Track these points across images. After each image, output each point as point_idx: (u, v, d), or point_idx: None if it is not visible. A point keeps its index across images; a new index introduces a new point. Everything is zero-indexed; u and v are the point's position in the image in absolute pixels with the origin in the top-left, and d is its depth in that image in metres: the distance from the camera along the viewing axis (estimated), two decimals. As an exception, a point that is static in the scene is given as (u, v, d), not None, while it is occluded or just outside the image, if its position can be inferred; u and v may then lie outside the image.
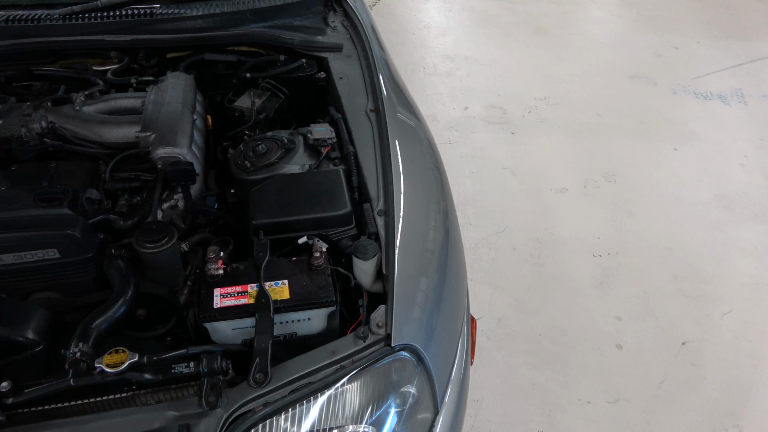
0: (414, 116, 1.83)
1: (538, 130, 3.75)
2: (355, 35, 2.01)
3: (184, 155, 1.46)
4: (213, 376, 1.08)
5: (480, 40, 4.79)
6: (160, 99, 1.60)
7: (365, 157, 1.54)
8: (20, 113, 1.52)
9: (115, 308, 1.19)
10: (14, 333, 1.15)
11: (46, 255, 1.25)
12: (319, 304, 1.23)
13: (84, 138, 1.51)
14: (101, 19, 1.80)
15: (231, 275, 1.26)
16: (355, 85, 1.80)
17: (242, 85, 1.88)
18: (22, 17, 1.77)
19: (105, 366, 1.05)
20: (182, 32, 1.84)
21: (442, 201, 1.57)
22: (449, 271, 1.43)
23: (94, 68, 1.79)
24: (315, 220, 1.38)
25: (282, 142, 1.58)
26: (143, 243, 1.29)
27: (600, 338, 2.46)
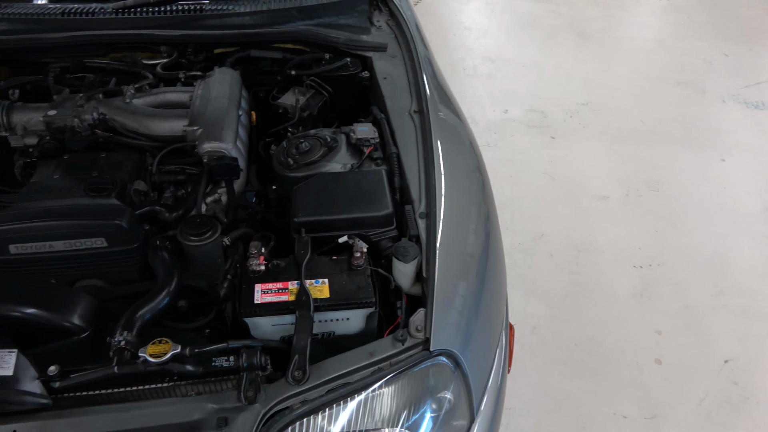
0: (457, 116, 1.81)
1: (580, 135, 3.67)
2: (400, 35, 2.00)
3: (229, 150, 1.47)
4: (252, 371, 1.09)
5: (522, 42, 4.73)
6: (207, 94, 1.62)
7: (408, 159, 1.53)
8: (73, 104, 1.56)
9: (159, 299, 1.21)
10: (62, 318, 1.18)
11: (95, 244, 1.28)
12: (359, 304, 1.23)
13: (133, 130, 1.54)
14: (152, 14, 1.83)
15: (272, 271, 1.27)
16: (399, 85, 1.79)
17: (287, 83, 1.89)
18: (76, 10, 1.82)
19: (149, 356, 1.07)
20: (230, 28, 1.86)
21: (483, 204, 1.55)
22: (489, 277, 1.41)
23: (144, 62, 1.83)
24: (356, 220, 1.38)
25: (325, 141, 1.59)
26: (188, 236, 1.31)
27: (638, 352, 2.39)
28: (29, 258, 1.28)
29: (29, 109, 1.58)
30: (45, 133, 1.54)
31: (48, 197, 1.33)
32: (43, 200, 1.32)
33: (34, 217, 1.27)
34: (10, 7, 1.84)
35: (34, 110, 1.57)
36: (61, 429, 1.02)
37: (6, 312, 1.15)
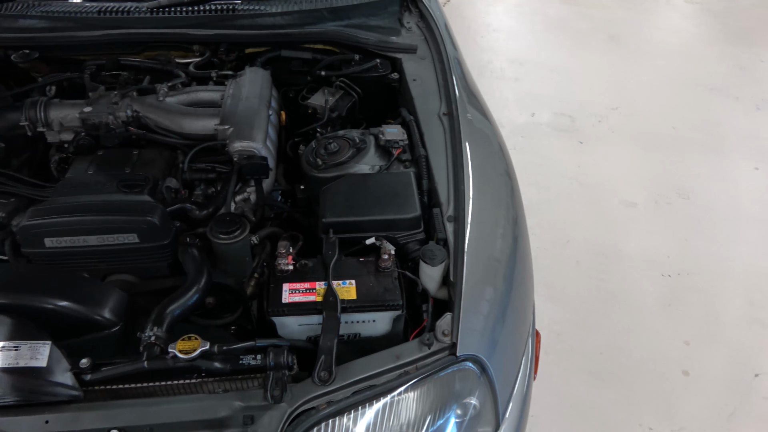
0: (486, 119, 1.80)
1: (608, 140, 3.62)
2: (430, 37, 2.00)
3: (259, 150, 1.49)
4: (279, 370, 1.10)
5: (551, 45, 4.67)
6: (238, 93, 1.64)
7: (436, 161, 1.52)
8: (108, 101, 1.58)
9: (189, 296, 1.23)
10: (93, 311, 1.20)
11: (127, 239, 1.30)
12: (386, 306, 1.22)
13: (165, 128, 1.57)
14: (185, 14, 1.86)
15: (300, 271, 1.27)
16: (429, 87, 1.78)
17: (316, 83, 1.90)
18: (112, 9, 1.85)
19: (178, 352, 1.08)
20: (261, 28, 1.88)
21: (511, 208, 1.53)
22: (516, 282, 1.39)
23: (177, 60, 1.86)
24: (383, 222, 1.38)
25: (353, 142, 1.59)
26: (217, 233, 1.33)
27: (666, 362, 2.34)
28: (63, 252, 1.31)
29: (66, 105, 1.61)
30: (80, 129, 1.57)
31: (82, 192, 1.35)
32: (77, 195, 1.34)
33: (69, 212, 1.29)
34: (48, 6, 1.88)
35: (71, 107, 1.60)
36: (91, 421, 1.04)
37: (40, 304, 1.17)
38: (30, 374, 1.06)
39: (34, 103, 1.59)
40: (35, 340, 1.09)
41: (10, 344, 1.08)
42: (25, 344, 1.08)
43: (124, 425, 1.04)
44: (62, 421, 1.04)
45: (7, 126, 1.60)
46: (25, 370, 1.06)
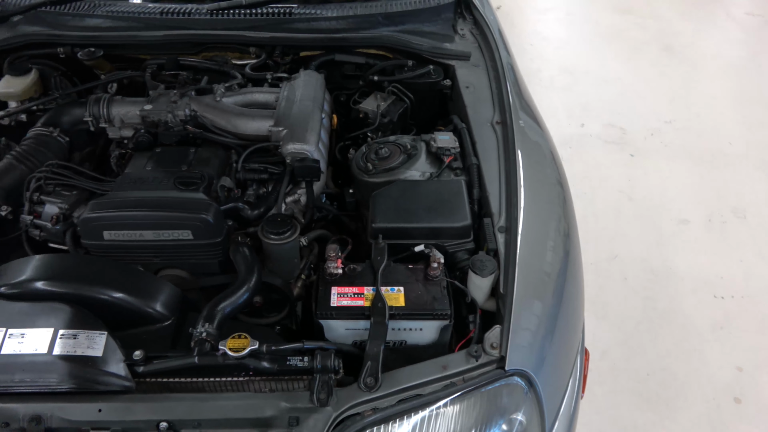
0: (538, 126, 1.77)
1: (661, 154, 3.51)
2: (484, 44, 1.98)
3: (312, 153, 1.50)
4: (325, 373, 1.10)
5: (603, 54, 4.57)
6: (292, 96, 1.66)
7: (488, 171, 1.51)
8: (167, 100, 1.63)
9: (239, 294, 1.24)
10: (147, 304, 1.23)
11: (181, 235, 1.33)
12: (434, 316, 1.21)
13: (221, 128, 1.60)
14: (244, 16, 1.89)
15: (348, 275, 1.28)
16: (482, 95, 1.76)
17: (368, 88, 1.90)
18: (174, 10, 1.90)
19: (228, 349, 1.09)
20: (316, 32, 1.90)
21: (563, 220, 1.50)
22: (566, 298, 1.36)
23: (234, 62, 1.89)
24: (433, 230, 1.37)
25: (404, 148, 1.58)
26: (268, 234, 1.34)
27: (716, 388, 2.25)
28: (120, 245, 1.35)
29: (127, 102, 1.66)
30: (140, 126, 1.62)
31: (140, 188, 1.39)
32: (136, 191, 1.38)
33: (127, 207, 1.33)
34: (114, 6, 1.94)
35: (132, 104, 1.65)
36: (142, 412, 1.06)
37: (97, 294, 1.21)
38: (86, 363, 1.09)
39: (98, 99, 1.65)
40: (92, 330, 1.13)
41: (69, 332, 1.11)
42: (83, 333, 1.12)
43: (173, 418, 1.06)
44: (114, 410, 1.06)
45: (71, 121, 1.67)
46: (81, 359, 1.09)
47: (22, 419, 1.05)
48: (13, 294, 1.18)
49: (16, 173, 1.49)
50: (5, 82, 1.75)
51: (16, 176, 1.48)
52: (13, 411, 1.06)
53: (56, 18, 1.93)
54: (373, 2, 1.97)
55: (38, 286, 1.19)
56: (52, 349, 1.09)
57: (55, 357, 1.08)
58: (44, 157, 1.54)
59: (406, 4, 1.97)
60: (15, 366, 1.08)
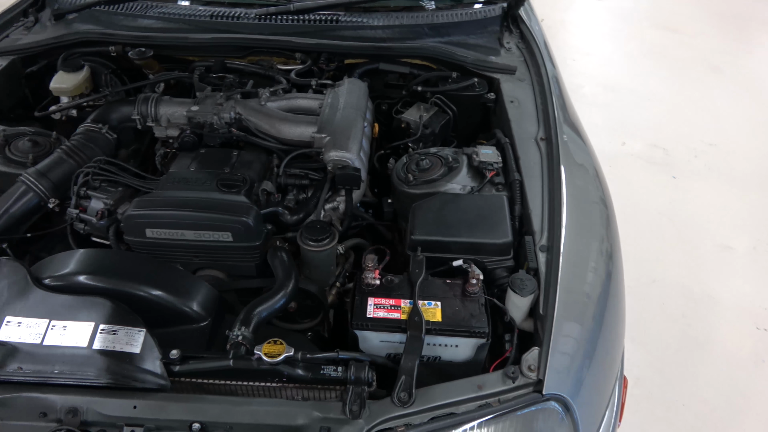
0: (582, 141, 1.74)
1: (705, 177, 3.41)
2: (530, 59, 1.95)
3: (353, 161, 1.50)
4: (359, 385, 1.09)
5: (647, 72, 4.48)
6: (336, 103, 1.66)
7: (531, 187, 1.48)
8: (213, 102, 1.65)
9: (276, 299, 1.25)
10: (184, 303, 1.24)
11: (221, 237, 1.34)
12: (471, 333, 1.19)
13: (264, 132, 1.61)
14: (291, 22, 1.91)
15: (385, 287, 1.26)
16: (526, 110, 1.74)
17: (411, 98, 1.90)
18: (223, 14, 1.93)
19: (263, 354, 1.09)
20: (362, 40, 1.90)
21: (606, 240, 1.46)
22: (606, 322, 1.32)
23: (279, 67, 1.91)
24: (473, 245, 1.35)
25: (446, 160, 1.57)
26: (307, 240, 1.34)
27: (757, 424, 2.16)
28: (161, 243, 1.36)
29: (174, 103, 1.69)
30: (186, 126, 1.64)
31: (184, 188, 1.41)
32: (179, 190, 1.40)
33: (170, 206, 1.35)
34: (165, 7, 1.99)
35: (179, 104, 1.68)
36: (176, 411, 1.07)
37: (136, 291, 1.22)
38: (124, 359, 1.10)
39: (146, 98, 1.68)
40: (132, 327, 1.14)
41: (109, 327, 1.13)
42: (123, 329, 1.13)
43: (206, 420, 1.06)
44: (149, 408, 1.07)
45: (119, 118, 1.70)
46: (119, 355, 1.10)
47: (60, 410, 1.07)
48: (57, 286, 1.20)
49: (65, 167, 1.52)
50: (58, 77, 1.79)
51: (65, 170, 1.52)
52: (50, 402, 1.07)
53: (109, 17, 1.98)
54: (420, 13, 1.97)
55: (81, 279, 1.21)
56: (92, 343, 1.11)
57: (94, 351, 1.10)
58: (92, 153, 1.58)
59: (453, 16, 1.96)
60: (55, 357, 1.10)
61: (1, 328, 1.12)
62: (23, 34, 2.03)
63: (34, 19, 2.10)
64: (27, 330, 1.13)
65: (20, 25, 2.08)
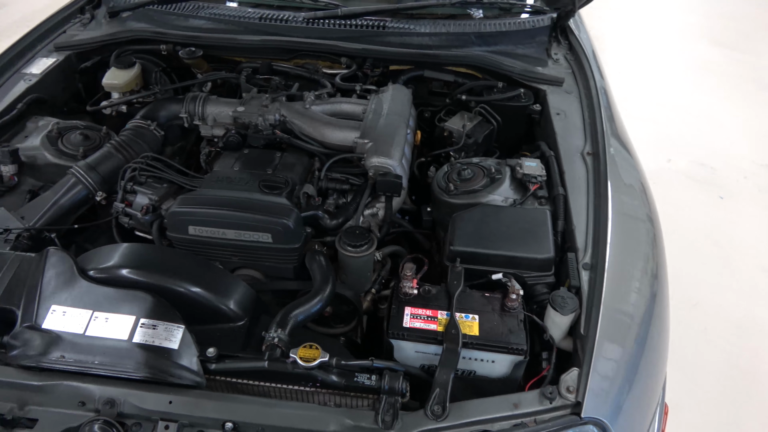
0: (629, 154, 1.69)
1: (755, 199, 3.28)
2: (579, 71, 1.91)
3: (395, 167, 1.49)
4: (392, 395, 1.08)
5: (696, 88, 4.35)
6: (379, 109, 1.66)
7: (575, 203, 1.45)
8: (259, 103, 1.67)
9: (313, 303, 1.24)
10: (222, 302, 1.25)
11: (261, 238, 1.35)
12: (509, 350, 1.17)
13: (308, 135, 1.62)
14: (338, 26, 1.92)
15: (423, 297, 1.25)
16: (573, 123, 1.70)
17: (454, 106, 1.88)
18: (272, 17, 1.95)
19: (299, 358, 1.09)
20: (408, 47, 1.90)
21: (651, 260, 1.42)
22: (649, 345, 1.28)
23: (324, 71, 1.92)
24: (513, 259, 1.32)
25: (488, 171, 1.55)
26: (345, 245, 1.34)
27: (802, 461, 2.06)
28: (203, 240, 1.38)
29: (221, 102, 1.71)
30: (231, 126, 1.66)
31: (227, 187, 1.42)
32: (222, 190, 1.41)
33: (213, 205, 1.37)
34: (216, 9, 2.02)
35: (225, 104, 1.70)
36: (210, 409, 1.07)
37: (175, 287, 1.23)
38: (162, 354, 1.12)
39: (195, 97, 1.71)
40: (171, 322, 1.15)
41: (149, 322, 1.15)
42: (162, 324, 1.15)
43: (239, 420, 1.06)
44: (184, 404, 1.08)
45: (167, 116, 1.74)
46: (158, 349, 1.12)
47: (98, 401, 1.08)
48: (101, 278, 1.23)
49: (113, 161, 1.56)
50: (111, 73, 1.84)
51: (113, 164, 1.56)
52: (89, 392, 1.10)
53: (162, 17, 2.03)
54: (467, 21, 1.95)
55: (124, 273, 1.24)
56: (132, 336, 1.13)
57: (133, 344, 1.12)
58: (140, 149, 1.61)
59: (500, 25, 1.94)
60: (96, 348, 1.12)
61: (47, 317, 1.15)
62: (79, 31, 2.09)
63: (90, 16, 2.16)
64: (71, 319, 1.15)
65: (77, 22, 2.15)
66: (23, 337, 1.13)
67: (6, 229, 1.36)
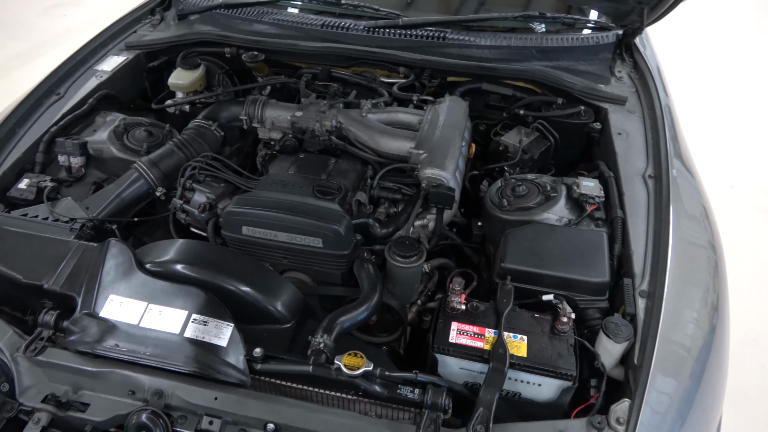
0: (693, 178, 1.63)
1: (824, 233, 3.10)
2: (643, 90, 1.86)
3: (449, 180, 1.48)
4: (434, 411, 1.07)
5: (764, 109, 4.13)
6: (436, 120, 1.65)
7: (635, 227, 1.40)
8: (317, 109, 1.69)
9: (360, 311, 1.24)
10: (270, 303, 1.26)
11: (312, 242, 1.36)
12: (558, 375, 1.13)
13: (363, 142, 1.62)
14: (398, 36, 1.93)
15: (470, 313, 1.23)
16: (635, 144, 1.65)
17: (511, 121, 1.86)
18: (334, 24, 1.98)
19: (343, 365, 1.09)
20: (467, 59, 1.88)
21: (712, 290, 1.36)
22: (705, 381, 1.22)
23: (382, 79, 1.93)
24: (566, 281, 1.29)
25: (543, 188, 1.52)
26: (395, 255, 1.33)
27: None
28: (255, 241, 1.40)
29: (280, 107, 1.75)
30: (288, 130, 1.69)
31: (281, 191, 1.44)
32: (277, 192, 1.43)
33: (268, 207, 1.39)
34: (279, 14, 2.06)
35: (284, 109, 1.73)
36: (253, 409, 1.09)
37: (226, 285, 1.26)
38: (211, 350, 1.14)
39: (255, 100, 1.75)
40: (221, 320, 1.18)
41: (201, 318, 1.17)
42: (213, 321, 1.17)
43: (281, 422, 1.07)
44: (229, 401, 1.10)
45: (228, 117, 1.78)
46: (207, 345, 1.14)
47: (147, 391, 1.12)
48: (157, 272, 1.27)
49: (174, 159, 1.61)
50: (176, 74, 1.91)
51: (174, 162, 1.61)
52: (140, 382, 1.13)
53: (228, 20, 2.09)
54: (528, 35, 1.92)
55: (178, 268, 1.27)
56: (184, 330, 1.16)
57: (184, 339, 1.15)
58: (201, 148, 1.66)
59: (563, 40, 1.90)
60: (149, 339, 1.15)
61: (105, 305, 1.19)
62: (149, 31, 2.18)
63: (160, 17, 2.25)
64: (127, 310, 1.19)
65: (147, 23, 2.24)
66: (82, 324, 1.17)
67: (72, 218, 1.42)
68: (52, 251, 1.32)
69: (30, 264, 1.30)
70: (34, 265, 1.30)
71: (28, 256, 1.32)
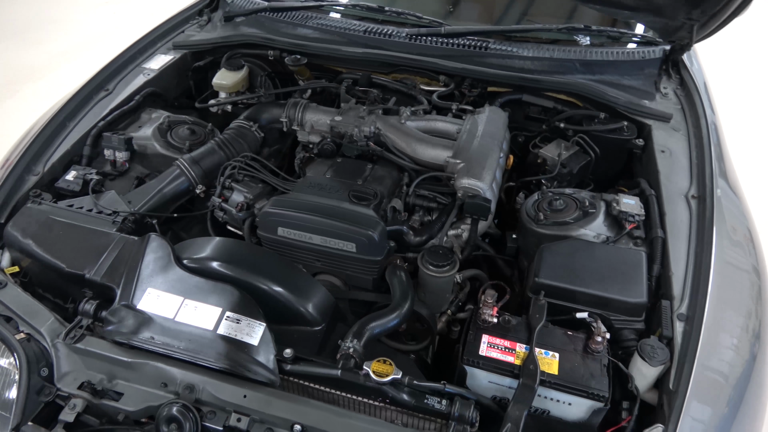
0: (738, 199, 1.59)
1: None
2: (689, 109, 1.81)
3: (485, 191, 1.47)
4: (461, 423, 1.06)
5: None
6: (474, 130, 1.64)
7: (675, 248, 1.36)
8: (356, 114, 1.70)
9: (391, 318, 1.25)
10: (302, 304, 1.28)
11: (345, 247, 1.37)
12: (589, 395, 1.11)
13: (400, 149, 1.63)
14: (440, 44, 1.93)
15: (502, 326, 1.22)
16: (678, 163, 1.61)
17: (550, 133, 1.83)
18: (376, 30, 1.99)
19: (372, 371, 1.09)
20: (508, 69, 1.87)
21: (754, 316, 1.32)
22: (743, 410, 1.19)
23: (422, 87, 1.93)
24: (601, 299, 1.26)
25: (581, 203, 1.49)
26: (428, 264, 1.33)
27: None
28: (289, 243, 1.42)
29: (320, 110, 1.77)
30: (327, 134, 1.71)
31: (318, 194, 1.46)
32: (314, 195, 1.45)
33: (304, 209, 1.40)
34: (323, 19, 2.09)
35: (324, 113, 1.75)
36: (281, 409, 1.10)
37: (259, 284, 1.28)
38: (242, 348, 1.16)
39: (296, 103, 1.77)
40: (254, 319, 1.19)
41: (234, 315, 1.19)
42: (246, 320, 1.19)
43: (307, 424, 1.08)
44: (257, 400, 1.11)
45: (269, 119, 1.81)
46: (239, 343, 1.16)
47: (179, 384, 1.14)
48: (194, 268, 1.29)
49: (215, 158, 1.65)
50: (221, 74, 1.95)
51: (214, 160, 1.64)
52: (172, 375, 1.15)
53: (272, 24, 2.12)
54: (572, 47, 1.90)
55: (214, 265, 1.30)
56: (217, 327, 1.18)
57: (217, 335, 1.17)
58: (241, 148, 1.69)
59: (608, 54, 1.87)
60: (183, 334, 1.18)
61: (143, 298, 1.23)
62: (196, 32, 2.23)
63: (207, 18, 2.30)
64: (163, 303, 1.22)
65: (194, 23, 2.30)
66: (119, 315, 1.20)
67: (115, 211, 1.47)
68: (94, 242, 1.37)
69: (73, 254, 1.35)
70: (77, 254, 1.34)
71: (72, 246, 1.37)
